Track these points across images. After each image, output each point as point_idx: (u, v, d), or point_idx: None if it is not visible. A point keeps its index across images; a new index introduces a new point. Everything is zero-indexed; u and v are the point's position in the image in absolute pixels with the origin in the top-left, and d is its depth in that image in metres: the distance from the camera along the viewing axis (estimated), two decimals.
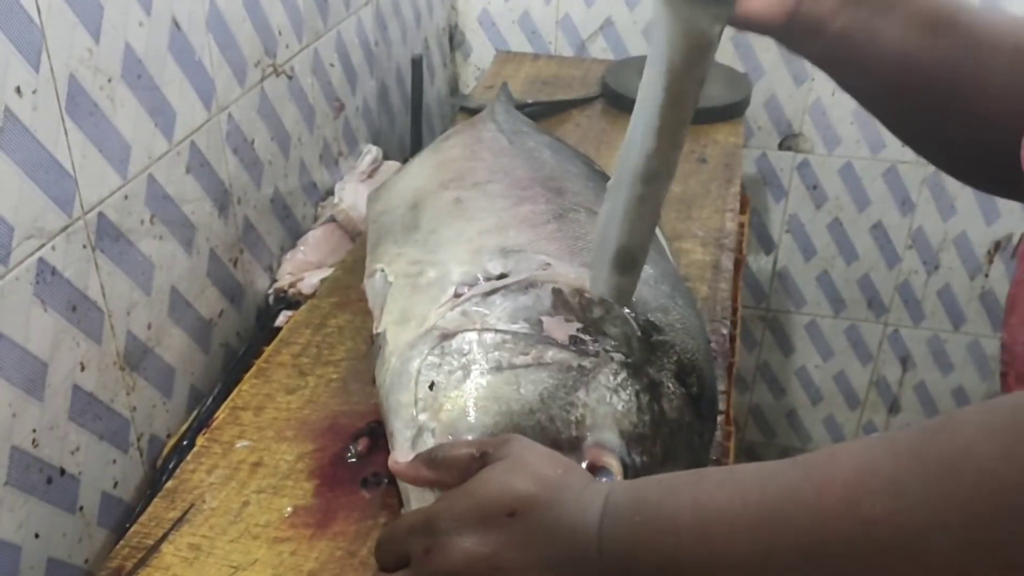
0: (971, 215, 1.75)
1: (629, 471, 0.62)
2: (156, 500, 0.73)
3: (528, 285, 0.70)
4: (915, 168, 1.72)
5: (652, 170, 0.63)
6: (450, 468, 0.59)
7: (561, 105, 1.44)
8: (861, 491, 0.43)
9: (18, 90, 0.66)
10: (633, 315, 0.70)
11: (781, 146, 1.76)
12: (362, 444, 0.77)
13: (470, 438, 0.62)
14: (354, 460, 0.76)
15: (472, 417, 0.63)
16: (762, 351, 1.99)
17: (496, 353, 0.66)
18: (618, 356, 0.66)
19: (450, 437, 0.63)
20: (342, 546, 0.68)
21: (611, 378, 0.65)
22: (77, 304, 0.75)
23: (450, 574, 0.53)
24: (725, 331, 0.91)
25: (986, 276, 1.81)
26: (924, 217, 1.77)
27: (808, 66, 1.65)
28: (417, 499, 0.62)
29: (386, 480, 0.73)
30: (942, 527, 0.40)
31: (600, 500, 0.52)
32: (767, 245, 1.87)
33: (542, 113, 1.38)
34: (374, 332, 0.77)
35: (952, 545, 0.40)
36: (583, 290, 0.70)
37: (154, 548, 0.68)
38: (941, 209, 1.76)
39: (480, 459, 0.57)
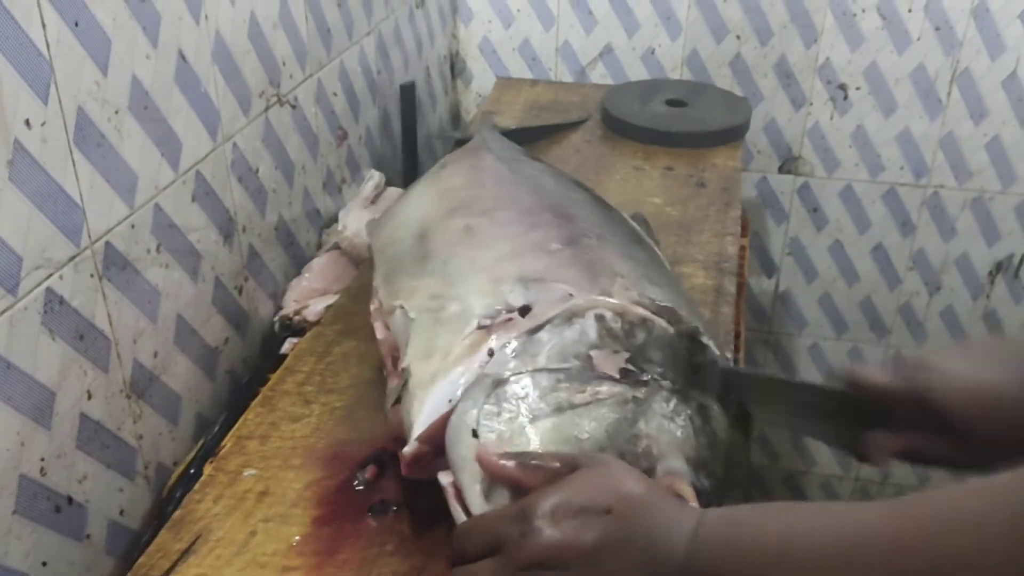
0: (972, 236, 1.76)
1: (701, 497, 0.62)
2: (163, 531, 0.73)
3: (571, 315, 0.69)
4: (914, 190, 1.73)
5: None
6: (540, 471, 0.60)
7: (546, 130, 1.44)
8: (945, 527, 0.45)
9: (27, 122, 0.67)
10: (676, 332, 0.70)
11: (781, 169, 1.77)
12: (369, 471, 0.77)
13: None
14: (361, 487, 0.76)
15: None
16: None
17: (553, 394, 0.65)
18: (666, 383, 0.67)
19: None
20: (350, 574, 0.68)
21: (664, 405, 0.65)
22: (84, 333, 0.76)
23: (544, 560, 0.55)
24: (729, 354, 0.91)
25: (988, 297, 1.81)
26: (925, 239, 1.78)
27: (806, 90, 1.67)
28: (479, 505, 0.62)
29: (394, 507, 0.74)
30: (1018, 567, 0.42)
31: (695, 517, 0.55)
32: (768, 268, 1.88)
33: (531, 138, 1.38)
34: (400, 367, 0.75)
35: None
36: (625, 313, 0.70)
37: None
38: (942, 230, 1.77)
39: (571, 469, 0.59)
